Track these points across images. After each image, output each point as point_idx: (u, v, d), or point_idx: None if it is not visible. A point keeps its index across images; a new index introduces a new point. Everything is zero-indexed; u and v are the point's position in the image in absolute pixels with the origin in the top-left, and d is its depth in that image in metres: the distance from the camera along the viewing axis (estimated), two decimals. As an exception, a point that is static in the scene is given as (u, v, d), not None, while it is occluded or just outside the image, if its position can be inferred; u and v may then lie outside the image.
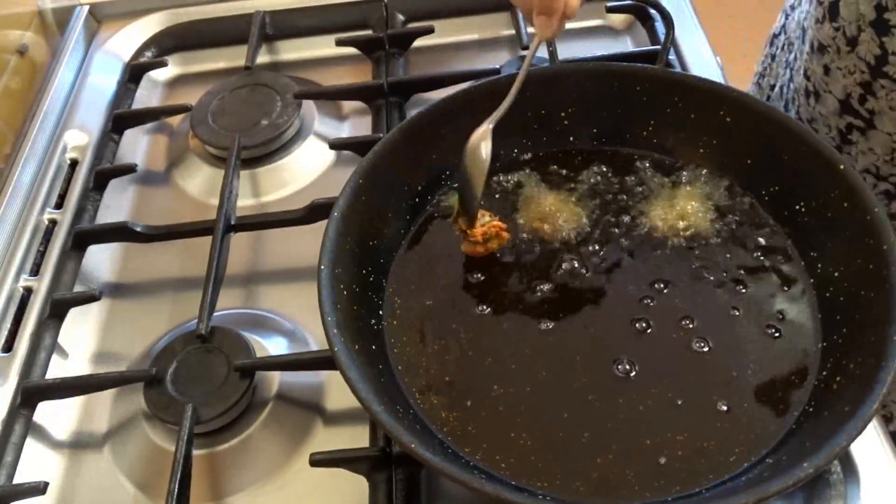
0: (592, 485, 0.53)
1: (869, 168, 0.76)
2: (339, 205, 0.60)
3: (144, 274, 0.76)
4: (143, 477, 0.62)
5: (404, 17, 0.94)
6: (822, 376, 0.56)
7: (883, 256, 0.55)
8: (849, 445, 0.48)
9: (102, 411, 0.66)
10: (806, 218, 0.63)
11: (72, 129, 0.85)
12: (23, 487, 0.60)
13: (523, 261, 0.64)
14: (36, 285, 0.72)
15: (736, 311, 0.60)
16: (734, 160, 0.67)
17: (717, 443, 0.54)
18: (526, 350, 0.59)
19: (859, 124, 0.74)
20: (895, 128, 0.72)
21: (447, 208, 0.67)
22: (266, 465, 0.62)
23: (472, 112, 0.67)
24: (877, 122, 0.73)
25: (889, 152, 0.74)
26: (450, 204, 0.66)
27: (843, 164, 0.59)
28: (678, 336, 0.59)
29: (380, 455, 0.58)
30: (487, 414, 0.56)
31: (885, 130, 0.73)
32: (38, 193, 0.79)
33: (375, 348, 0.59)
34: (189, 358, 0.64)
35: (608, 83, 0.68)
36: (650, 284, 0.62)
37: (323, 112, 0.87)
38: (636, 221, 0.66)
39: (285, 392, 0.65)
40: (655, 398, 0.56)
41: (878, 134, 0.73)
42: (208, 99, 0.85)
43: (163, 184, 0.84)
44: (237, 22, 0.94)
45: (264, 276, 0.75)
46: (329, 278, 0.57)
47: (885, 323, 0.52)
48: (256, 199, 0.81)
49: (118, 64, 0.93)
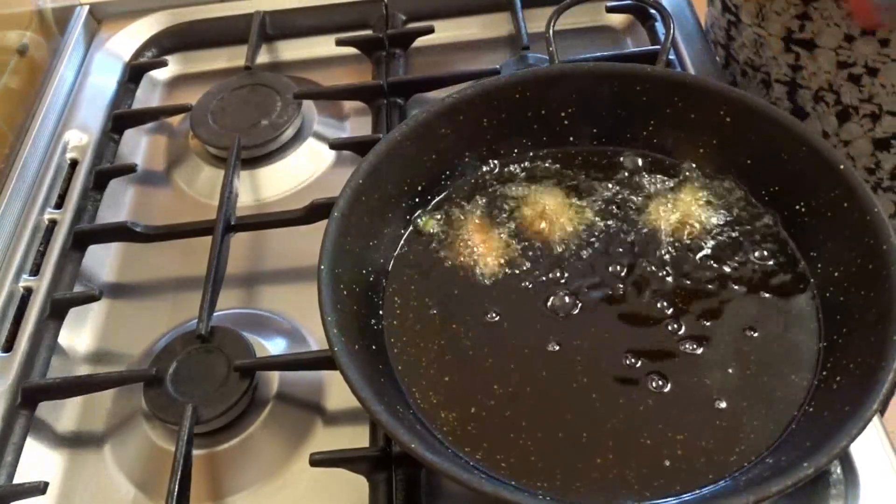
0: (592, 485, 0.53)
1: (823, 86, 0.81)
2: (339, 205, 0.60)
3: (144, 274, 0.76)
4: (143, 477, 0.62)
5: (404, 17, 0.94)
6: (822, 376, 0.56)
7: (883, 256, 0.55)
8: (849, 445, 0.48)
9: (102, 411, 0.66)
10: (806, 218, 0.63)
11: (72, 129, 0.85)
12: (23, 487, 0.60)
13: (523, 261, 0.64)
14: (36, 285, 0.72)
15: (735, 312, 0.60)
16: (734, 160, 0.67)
17: (717, 443, 0.54)
18: (526, 350, 0.59)
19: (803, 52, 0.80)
20: (836, 42, 0.77)
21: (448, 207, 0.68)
22: (266, 465, 0.62)
23: (472, 112, 0.67)
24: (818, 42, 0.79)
25: (836, 66, 0.79)
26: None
27: (843, 164, 0.59)
28: (677, 335, 0.59)
29: (380, 455, 0.58)
30: (487, 414, 0.56)
31: (828, 47, 0.78)
32: (38, 193, 0.79)
33: (375, 348, 0.59)
34: (189, 358, 0.64)
35: (608, 83, 0.68)
36: (650, 285, 0.62)
37: (323, 112, 0.87)
38: (636, 221, 0.66)
39: (285, 392, 0.65)
40: (655, 398, 0.56)
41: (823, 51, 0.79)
42: (208, 99, 0.85)
43: (163, 184, 0.84)
44: (237, 22, 0.94)
45: (264, 276, 0.75)
46: (329, 278, 0.57)
47: (885, 323, 0.52)
48: (256, 199, 0.81)
49: (118, 64, 0.93)
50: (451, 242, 0.66)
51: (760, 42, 0.85)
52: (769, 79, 0.86)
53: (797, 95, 0.85)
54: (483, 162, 0.70)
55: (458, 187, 0.69)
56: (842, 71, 0.79)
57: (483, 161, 0.70)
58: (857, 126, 0.83)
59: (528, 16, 0.89)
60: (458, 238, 0.66)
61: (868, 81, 0.79)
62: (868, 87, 0.79)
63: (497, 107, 0.68)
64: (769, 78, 0.86)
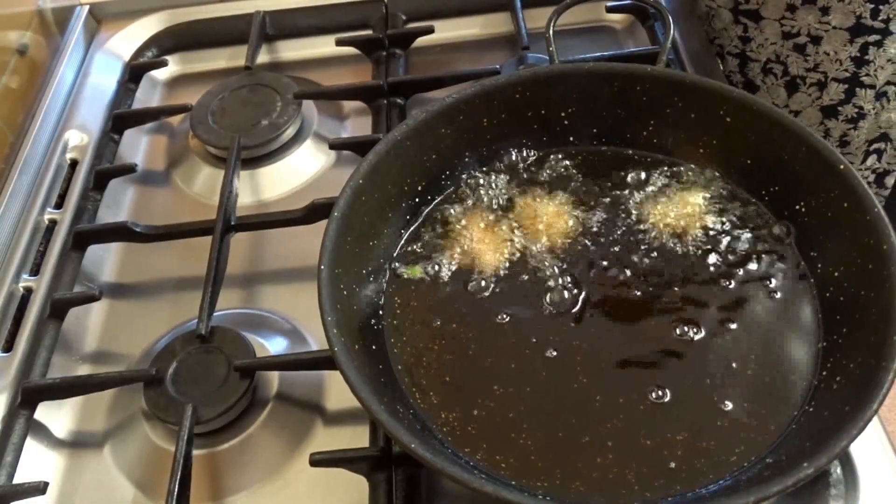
0: (592, 485, 0.53)
1: (770, 57, 0.83)
2: (339, 205, 0.60)
3: (144, 274, 0.76)
4: (143, 477, 0.62)
5: (404, 17, 0.94)
6: (822, 376, 0.56)
7: (883, 256, 0.55)
8: (849, 445, 0.48)
9: (102, 411, 0.66)
10: (806, 218, 0.63)
11: (72, 129, 0.85)
12: (23, 487, 0.60)
13: (523, 261, 0.64)
14: (36, 285, 0.72)
15: (735, 312, 0.60)
16: (734, 160, 0.67)
17: (717, 443, 0.54)
18: (526, 350, 0.59)
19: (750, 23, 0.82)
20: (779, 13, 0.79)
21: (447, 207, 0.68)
22: (266, 465, 0.62)
23: (472, 112, 0.67)
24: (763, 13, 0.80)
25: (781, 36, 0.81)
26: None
27: (843, 164, 0.59)
28: (678, 336, 0.59)
29: (380, 455, 0.58)
30: (487, 414, 0.56)
31: (773, 18, 0.80)
32: (37, 193, 0.79)
33: (375, 348, 0.59)
34: (189, 358, 0.64)
35: (608, 83, 0.68)
36: (650, 285, 0.62)
37: (323, 112, 0.87)
38: (636, 222, 0.66)
39: (285, 392, 0.65)
40: (655, 398, 0.56)
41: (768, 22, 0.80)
42: (208, 99, 0.85)
43: (163, 184, 0.84)
44: (237, 22, 0.94)
45: (264, 276, 0.75)
46: (329, 278, 0.57)
47: (885, 323, 0.52)
48: (256, 199, 0.81)
49: (118, 64, 0.93)
50: (451, 242, 0.66)
51: (712, 14, 0.86)
52: (722, 51, 0.87)
53: (747, 68, 0.86)
54: (483, 162, 0.70)
55: (457, 187, 0.69)
56: (787, 41, 0.80)
57: (483, 161, 0.70)
58: (805, 96, 0.84)
59: (528, 16, 0.89)
60: (458, 238, 0.66)
61: (812, 50, 0.80)
62: (813, 56, 0.80)
63: (497, 107, 0.68)
64: (722, 51, 0.87)
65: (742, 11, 0.82)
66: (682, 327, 0.60)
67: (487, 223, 0.66)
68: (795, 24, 0.79)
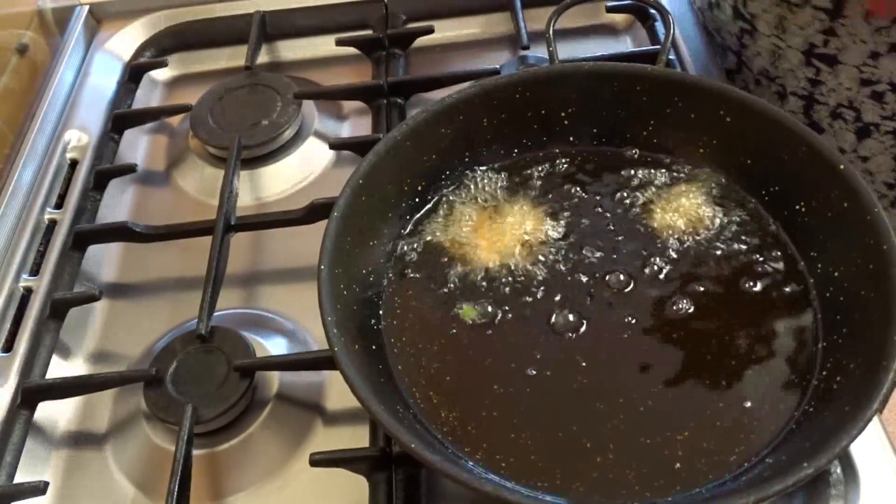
0: (592, 485, 0.53)
1: (842, 102, 0.80)
2: (339, 205, 0.60)
3: (144, 274, 0.76)
4: (143, 477, 0.62)
5: (404, 17, 0.94)
6: (822, 376, 0.56)
7: (883, 256, 0.55)
8: (849, 445, 0.48)
9: (102, 411, 0.66)
10: (806, 218, 0.63)
11: (72, 129, 0.85)
12: (23, 487, 0.60)
13: (523, 261, 0.64)
14: (36, 285, 0.72)
15: (735, 312, 0.60)
16: (734, 160, 0.67)
17: (717, 443, 0.54)
18: (526, 350, 0.59)
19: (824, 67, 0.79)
20: (861, 59, 0.76)
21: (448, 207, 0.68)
22: (266, 465, 0.62)
23: (472, 112, 0.67)
24: (841, 58, 0.77)
25: (858, 83, 0.78)
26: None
27: (843, 164, 0.59)
28: (677, 336, 0.59)
29: (380, 455, 0.58)
30: (487, 414, 0.56)
31: (852, 63, 0.77)
32: (37, 193, 0.79)
33: (375, 348, 0.59)
34: (189, 358, 0.64)
35: (608, 83, 0.68)
36: (649, 284, 0.62)
37: (323, 112, 0.87)
38: (636, 221, 0.66)
39: (285, 392, 0.65)
40: (655, 398, 0.56)
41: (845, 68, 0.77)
42: (208, 99, 0.85)
43: (163, 184, 0.84)
44: (237, 22, 0.94)
45: (264, 276, 0.75)
46: (329, 278, 0.57)
47: (885, 323, 0.52)
48: (256, 199, 0.81)
49: (118, 64, 0.93)
50: (452, 242, 0.66)
51: (778, 53, 0.82)
52: (784, 91, 0.84)
53: (813, 111, 0.83)
54: (483, 162, 0.70)
55: (457, 187, 0.69)
56: (864, 88, 0.78)
57: (483, 161, 0.70)
58: (877, 143, 0.81)
59: (528, 16, 0.89)
60: (458, 237, 0.66)
61: (892, 98, 0.77)
62: (891, 105, 0.78)
63: (497, 107, 0.68)
64: (784, 90, 0.84)
65: (817, 55, 0.79)
66: (681, 327, 0.60)
67: (487, 223, 0.66)
68: (877, 72, 0.76)
